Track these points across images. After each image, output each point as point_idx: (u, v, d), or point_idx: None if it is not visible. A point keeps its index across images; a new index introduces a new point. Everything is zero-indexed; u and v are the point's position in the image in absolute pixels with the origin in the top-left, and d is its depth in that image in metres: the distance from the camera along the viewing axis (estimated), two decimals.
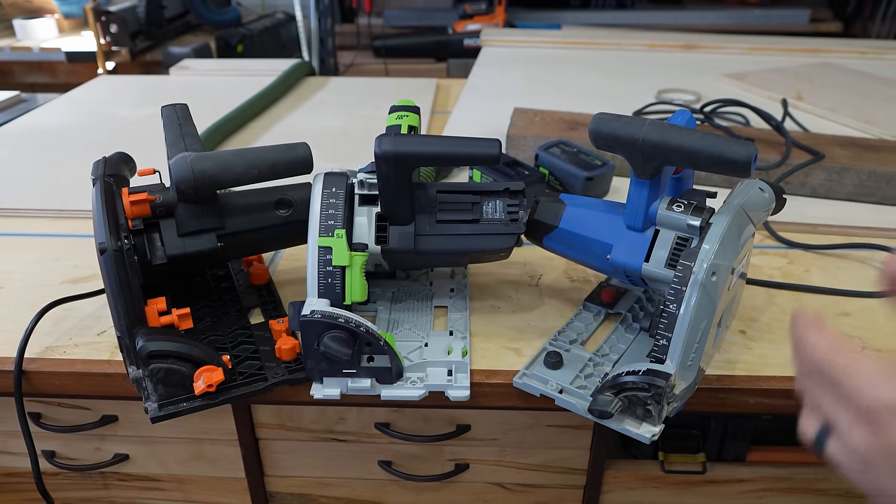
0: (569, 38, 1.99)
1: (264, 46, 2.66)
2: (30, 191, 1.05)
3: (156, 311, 0.64)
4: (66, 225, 0.97)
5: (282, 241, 0.76)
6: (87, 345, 0.72)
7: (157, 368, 0.60)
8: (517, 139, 1.10)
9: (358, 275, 0.65)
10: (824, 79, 1.56)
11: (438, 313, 0.76)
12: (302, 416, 0.79)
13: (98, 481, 0.86)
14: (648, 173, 0.62)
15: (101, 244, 0.60)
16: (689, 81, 1.55)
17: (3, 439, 0.82)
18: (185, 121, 0.75)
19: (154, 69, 2.44)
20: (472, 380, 0.67)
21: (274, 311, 0.76)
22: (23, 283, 0.82)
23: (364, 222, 0.68)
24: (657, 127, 0.60)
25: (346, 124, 1.35)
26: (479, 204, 0.69)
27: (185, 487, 0.86)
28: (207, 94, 1.52)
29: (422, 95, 1.52)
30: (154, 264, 0.67)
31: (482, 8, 2.86)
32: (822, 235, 0.93)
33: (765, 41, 1.93)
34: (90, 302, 0.76)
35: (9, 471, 0.85)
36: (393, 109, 0.72)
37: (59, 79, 2.48)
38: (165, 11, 2.64)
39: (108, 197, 0.64)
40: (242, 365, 0.67)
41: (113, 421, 0.79)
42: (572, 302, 0.78)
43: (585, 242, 0.68)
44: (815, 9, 3.11)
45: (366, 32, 3.10)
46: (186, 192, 0.67)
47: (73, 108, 1.46)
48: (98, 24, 2.33)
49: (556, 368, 0.67)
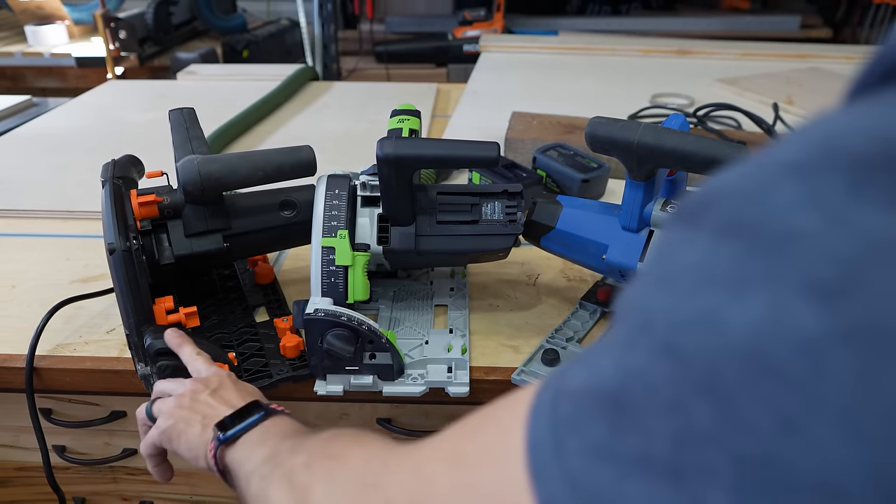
0: (565, 43, 1.99)
1: (269, 52, 2.66)
2: (41, 192, 1.05)
3: (163, 310, 0.64)
4: (77, 226, 0.96)
5: (286, 242, 0.76)
6: (97, 342, 0.71)
7: (164, 365, 0.60)
8: (515, 142, 1.10)
9: (360, 274, 0.65)
10: (814, 83, 1.56)
11: (439, 312, 0.76)
12: (306, 412, 0.78)
13: (107, 475, 0.86)
14: (643, 175, 0.62)
15: (110, 244, 0.60)
16: (682, 86, 1.55)
17: (15, 434, 0.82)
18: (192, 124, 0.75)
19: (162, 74, 2.43)
20: (472, 376, 0.66)
21: (278, 310, 0.76)
22: (34, 282, 0.82)
23: (366, 223, 0.68)
24: (651, 130, 0.59)
25: (348, 128, 1.35)
26: (478, 205, 0.69)
27: (192, 481, 0.86)
28: (214, 99, 1.52)
29: (422, 100, 1.52)
30: (162, 264, 0.67)
31: (481, 14, 2.87)
32: None
33: (756, 47, 1.93)
34: (100, 301, 0.76)
35: (21, 465, 0.85)
36: (394, 113, 0.72)
37: (69, 83, 2.47)
38: (173, 18, 2.64)
39: (117, 198, 0.64)
40: (248, 362, 0.67)
41: (122, 416, 0.79)
42: (569, 301, 0.78)
43: (582, 243, 0.68)
44: (806, 15, 3.12)
45: (368, 38, 3.10)
46: (193, 194, 0.67)
47: (82, 111, 1.46)
48: (107, 31, 2.33)
49: (553, 365, 0.67)
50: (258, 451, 0.46)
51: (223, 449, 0.49)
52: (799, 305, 0.17)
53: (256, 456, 0.46)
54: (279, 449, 0.44)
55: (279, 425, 0.49)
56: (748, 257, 0.19)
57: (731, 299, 0.19)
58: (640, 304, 0.22)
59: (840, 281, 0.17)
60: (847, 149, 0.18)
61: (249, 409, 0.50)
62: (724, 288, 0.19)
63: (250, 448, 0.47)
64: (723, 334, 0.18)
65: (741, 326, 0.18)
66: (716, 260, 0.20)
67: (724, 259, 0.19)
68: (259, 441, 0.47)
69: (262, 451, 0.46)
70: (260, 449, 0.46)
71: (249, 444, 0.48)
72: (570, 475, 0.21)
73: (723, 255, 0.19)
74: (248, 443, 0.48)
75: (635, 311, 0.22)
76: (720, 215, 0.20)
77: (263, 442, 0.47)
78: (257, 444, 0.47)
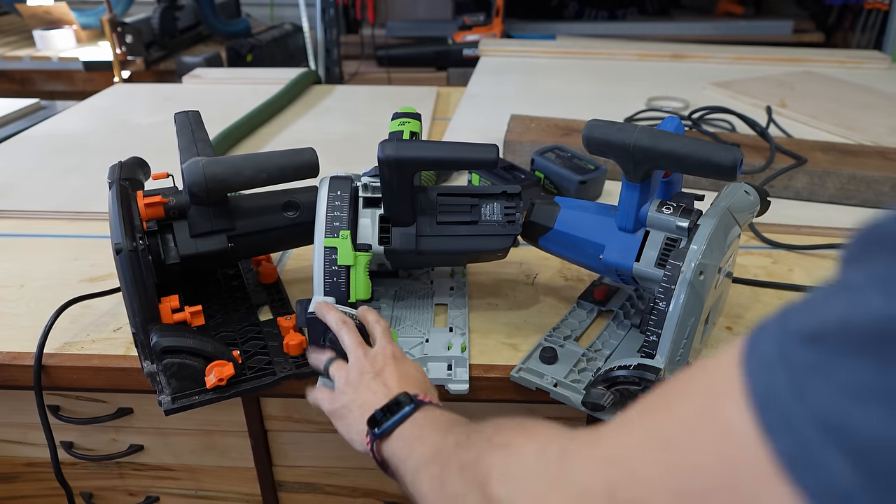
0: (563, 48, 1.99)
1: (272, 56, 2.66)
2: (49, 194, 1.05)
3: (169, 309, 0.64)
4: (84, 226, 0.96)
5: (289, 242, 0.76)
6: (104, 341, 0.71)
7: (170, 363, 0.60)
8: (514, 144, 1.10)
9: (362, 274, 0.65)
10: (806, 87, 1.56)
11: (439, 310, 0.76)
12: (309, 409, 0.78)
13: (114, 471, 0.86)
14: (639, 177, 0.62)
15: (117, 244, 0.60)
16: (677, 89, 1.55)
17: (24, 430, 0.82)
18: (197, 127, 0.75)
19: (167, 78, 2.43)
20: (471, 374, 0.66)
21: (282, 309, 0.76)
22: (42, 281, 0.82)
23: (368, 223, 0.68)
24: (647, 133, 0.59)
25: (350, 130, 1.35)
26: (477, 206, 0.69)
27: (197, 476, 0.86)
28: (218, 102, 1.52)
29: (423, 103, 1.52)
30: (167, 264, 0.67)
31: (480, 19, 2.86)
32: (804, 236, 0.93)
33: (750, 51, 1.93)
34: (106, 300, 0.76)
35: (29, 461, 0.85)
36: (395, 116, 0.72)
37: (76, 87, 2.47)
38: (178, 23, 2.64)
39: (123, 200, 0.64)
40: (252, 360, 0.67)
41: (128, 413, 0.79)
42: (566, 300, 0.78)
43: (579, 243, 0.68)
44: (798, 20, 3.11)
45: (369, 42, 3.10)
46: (198, 195, 0.67)
47: (90, 114, 1.46)
48: (114, 35, 2.33)
49: (551, 363, 0.67)
50: (417, 447, 0.46)
51: (379, 443, 0.50)
52: None
53: (417, 452, 0.46)
54: (442, 445, 0.44)
55: (431, 417, 0.49)
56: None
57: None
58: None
59: None
60: None
61: (399, 402, 0.51)
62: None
63: (408, 443, 0.48)
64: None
65: None
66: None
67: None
68: (416, 436, 0.48)
69: (422, 448, 0.46)
70: (419, 445, 0.46)
71: (406, 439, 0.48)
72: (823, 421, 0.20)
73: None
74: (404, 437, 0.49)
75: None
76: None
77: (420, 438, 0.47)
78: (415, 440, 0.47)
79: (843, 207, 1.00)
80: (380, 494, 0.87)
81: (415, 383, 0.55)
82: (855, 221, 0.23)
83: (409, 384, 0.54)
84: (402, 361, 0.57)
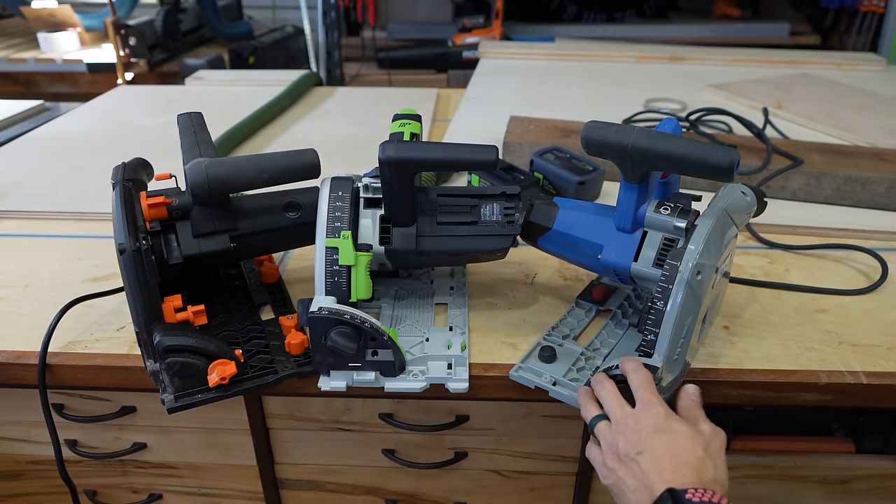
0: (562, 50, 1.99)
1: (275, 58, 2.66)
2: (53, 194, 1.05)
3: (172, 308, 0.64)
4: (88, 226, 0.97)
5: (291, 242, 0.76)
6: (108, 340, 0.72)
7: (173, 362, 0.60)
8: (513, 146, 1.10)
9: (363, 274, 0.65)
10: (803, 89, 1.56)
11: (439, 310, 0.76)
12: (310, 407, 0.78)
13: (118, 468, 0.86)
14: (637, 178, 0.62)
15: (120, 245, 0.60)
16: (675, 91, 1.55)
17: (28, 429, 0.82)
18: (199, 128, 0.75)
19: (170, 80, 2.43)
20: (471, 373, 0.66)
21: (284, 308, 0.76)
22: (47, 281, 0.82)
23: (369, 224, 0.68)
24: (645, 134, 0.60)
25: (351, 132, 1.35)
26: (477, 207, 0.69)
27: (200, 474, 0.86)
28: (221, 103, 1.52)
29: (423, 104, 1.52)
30: (170, 264, 0.67)
31: (480, 22, 2.86)
32: (800, 236, 0.93)
33: (747, 53, 1.93)
34: (110, 299, 0.76)
35: (34, 459, 0.85)
36: (396, 117, 0.72)
37: (80, 89, 2.47)
38: (181, 25, 2.64)
39: (127, 200, 0.64)
40: (254, 359, 0.67)
41: (132, 411, 0.79)
42: (565, 299, 0.78)
43: (578, 243, 0.68)
44: (795, 23, 3.11)
45: (370, 45, 3.10)
46: (201, 196, 0.67)
47: (93, 116, 1.46)
48: (118, 37, 2.33)
49: (549, 362, 0.67)
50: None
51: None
52: None
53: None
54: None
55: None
56: None
57: None
58: None
59: None
60: None
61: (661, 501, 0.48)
62: None
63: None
64: None
65: None
66: None
67: None
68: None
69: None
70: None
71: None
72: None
73: None
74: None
75: None
76: None
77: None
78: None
79: (839, 208, 1.00)
80: (381, 492, 0.87)
81: (681, 462, 0.50)
82: (850, 222, 0.23)
83: (674, 467, 0.50)
84: (667, 434, 0.52)
